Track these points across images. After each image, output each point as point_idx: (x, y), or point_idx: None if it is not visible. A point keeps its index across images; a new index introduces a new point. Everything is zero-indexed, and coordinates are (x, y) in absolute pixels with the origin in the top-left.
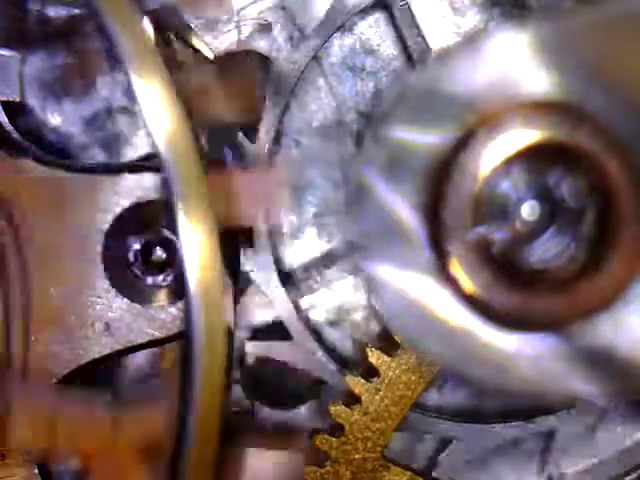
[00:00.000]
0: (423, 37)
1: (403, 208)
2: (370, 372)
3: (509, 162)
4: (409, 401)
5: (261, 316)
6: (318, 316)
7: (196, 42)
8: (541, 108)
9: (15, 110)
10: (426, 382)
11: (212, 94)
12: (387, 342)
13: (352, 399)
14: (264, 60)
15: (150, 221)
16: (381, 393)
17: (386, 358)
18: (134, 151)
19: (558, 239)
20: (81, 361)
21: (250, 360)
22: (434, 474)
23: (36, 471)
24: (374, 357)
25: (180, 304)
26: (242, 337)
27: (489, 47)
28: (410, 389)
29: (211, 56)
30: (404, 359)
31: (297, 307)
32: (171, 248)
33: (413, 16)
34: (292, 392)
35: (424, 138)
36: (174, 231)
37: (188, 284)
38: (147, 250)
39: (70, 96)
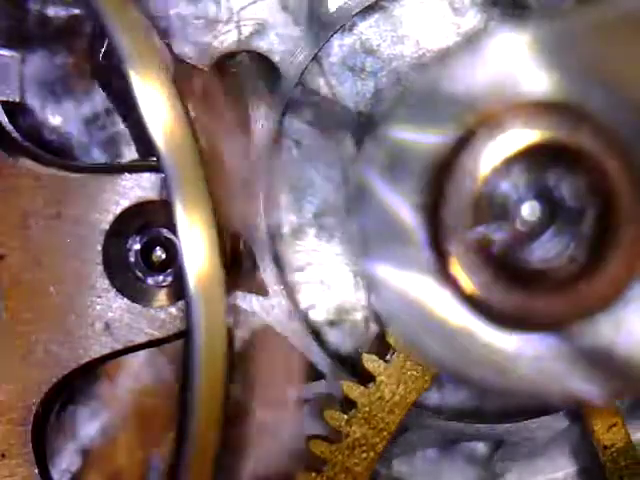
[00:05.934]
0: None
1: (403, 208)
2: (366, 377)
3: (509, 162)
4: (404, 408)
5: (260, 316)
6: (318, 316)
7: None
8: (541, 108)
9: (15, 110)
10: (421, 389)
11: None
12: (384, 345)
13: (348, 404)
14: (264, 60)
15: (150, 221)
16: (377, 401)
17: (381, 363)
18: (134, 151)
19: (558, 239)
20: (81, 361)
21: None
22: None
23: (36, 471)
24: (369, 362)
25: (180, 304)
26: (242, 337)
27: (489, 47)
28: (406, 395)
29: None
30: (400, 363)
31: (296, 307)
32: (171, 248)
33: None
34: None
35: (424, 138)
36: (174, 231)
37: (188, 284)
38: (147, 250)
39: (70, 96)
